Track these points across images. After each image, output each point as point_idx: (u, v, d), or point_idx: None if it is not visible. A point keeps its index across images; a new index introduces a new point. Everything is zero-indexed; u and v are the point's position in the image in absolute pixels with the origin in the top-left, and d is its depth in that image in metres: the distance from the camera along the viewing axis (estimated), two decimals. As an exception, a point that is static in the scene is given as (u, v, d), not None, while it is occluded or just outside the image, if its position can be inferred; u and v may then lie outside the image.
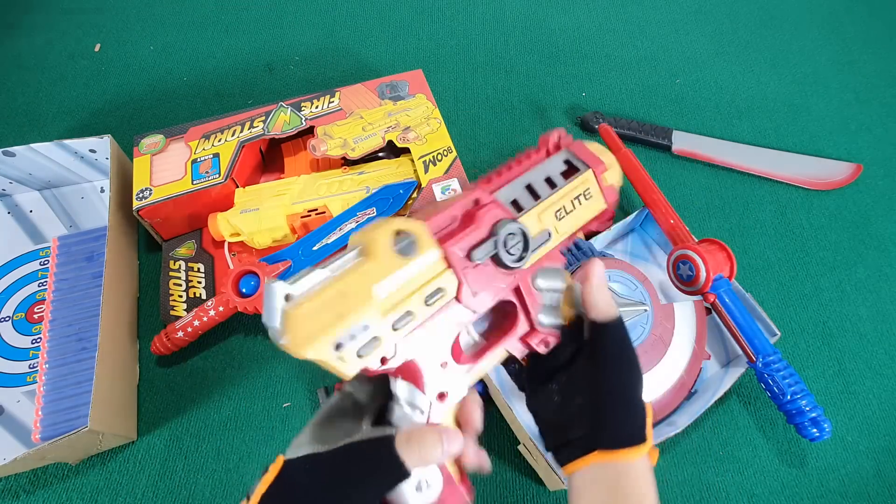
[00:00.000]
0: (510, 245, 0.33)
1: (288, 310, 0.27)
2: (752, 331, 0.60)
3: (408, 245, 0.30)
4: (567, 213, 0.37)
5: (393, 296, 0.30)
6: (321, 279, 0.28)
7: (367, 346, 0.29)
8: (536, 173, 0.37)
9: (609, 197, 0.39)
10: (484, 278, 0.33)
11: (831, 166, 0.80)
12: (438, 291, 0.31)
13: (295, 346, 0.27)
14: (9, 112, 0.82)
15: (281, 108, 0.72)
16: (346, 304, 0.28)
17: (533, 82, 0.88)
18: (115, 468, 0.59)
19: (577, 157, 0.38)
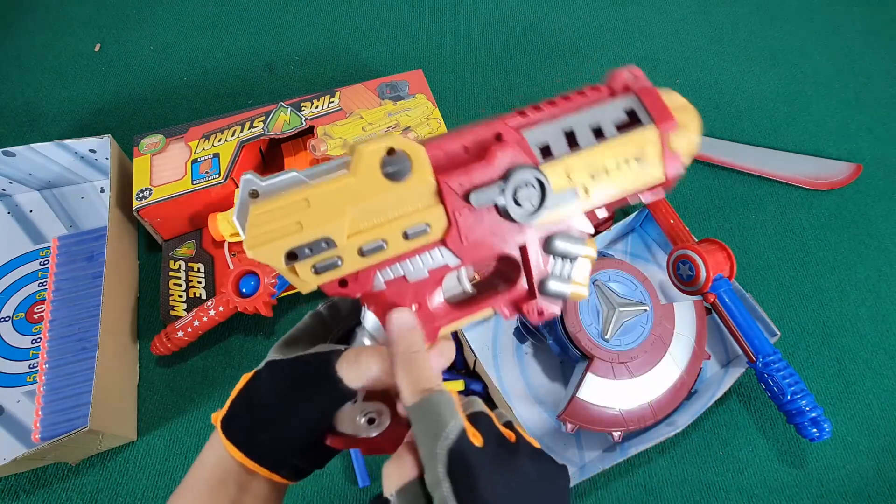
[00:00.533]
0: (521, 195, 0.28)
1: (251, 206, 0.26)
2: (752, 331, 0.60)
3: (399, 168, 0.27)
4: (607, 174, 0.30)
5: (366, 219, 0.27)
6: (294, 182, 0.27)
7: (325, 264, 0.27)
8: (583, 117, 0.30)
9: (671, 167, 0.31)
10: (482, 226, 0.29)
11: (831, 166, 0.80)
12: (422, 228, 0.28)
13: (247, 245, 0.26)
14: (9, 112, 0.82)
15: (281, 108, 0.72)
16: (309, 215, 0.26)
17: (533, 82, 0.88)
18: (115, 468, 0.59)
19: (644, 107, 0.31)
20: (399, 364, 0.28)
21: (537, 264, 0.30)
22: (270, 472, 0.31)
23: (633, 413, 0.57)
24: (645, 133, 0.30)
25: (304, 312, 0.68)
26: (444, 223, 0.28)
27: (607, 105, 0.31)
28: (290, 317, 0.68)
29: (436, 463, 0.25)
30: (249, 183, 0.26)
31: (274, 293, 0.62)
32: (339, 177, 0.27)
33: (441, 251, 0.29)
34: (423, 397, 0.27)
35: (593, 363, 0.57)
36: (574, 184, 0.30)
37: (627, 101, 0.31)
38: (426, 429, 0.26)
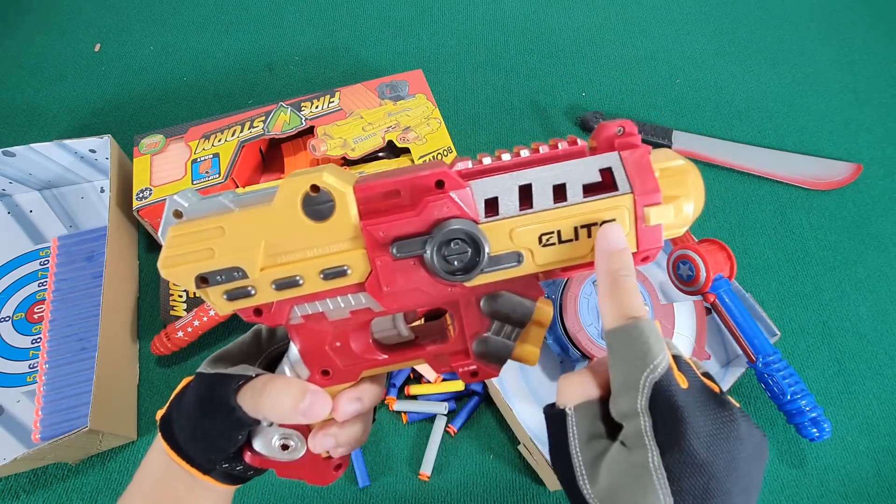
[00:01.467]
0: (450, 253, 0.26)
1: (171, 227, 0.27)
2: (752, 331, 0.60)
3: (321, 207, 0.26)
4: (561, 240, 0.26)
5: (283, 254, 0.26)
6: (217, 207, 0.26)
7: (237, 292, 0.27)
8: (546, 172, 0.26)
9: (645, 240, 0.27)
10: (406, 278, 0.27)
11: (831, 166, 0.80)
12: (341, 269, 0.26)
13: (160, 264, 0.27)
14: (9, 112, 0.82)
15: (281, 108, 0.72)
16: (222, 242, 0.26)
17: (533, 82, 0.88)
18: (115, 468, 0.59)
19: (624, 170, 0.26)
20: (606, 284, 0.25)
21: (472, 324, 0.28)
22: (204, 476, 0.31)
23: (633, 413, 0.57)
24: (617, 201, 0.26)
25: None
26: (367, 268, 0.27)
27: (580, 162, 0.27)
28: (290, 317, 0.68)
29: (637, 393, 0.23)
30: (174, 203, 0.26)
31: (274, 293, 0.62)
32: (259, 206, 0.26)
33: (363, 295, 0.28)
34: (629, 322, 0.25)
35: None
36: (517, 247, 0.26)
37: (605, 159, 0.27)
38: (629, 356, 0.24)
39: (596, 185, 0.27)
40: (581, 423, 0.25)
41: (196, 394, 0.30)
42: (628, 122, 0.27)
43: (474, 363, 0.29)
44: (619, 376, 0.24)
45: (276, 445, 0.30)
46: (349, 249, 0.26)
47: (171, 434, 0.31)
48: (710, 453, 0.22)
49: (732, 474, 0.22)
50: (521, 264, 0.27)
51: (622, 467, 0.23)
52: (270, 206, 0.26)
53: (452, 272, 0.26)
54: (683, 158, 0.27)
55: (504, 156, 0.27)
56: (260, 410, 0.28)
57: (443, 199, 0.26)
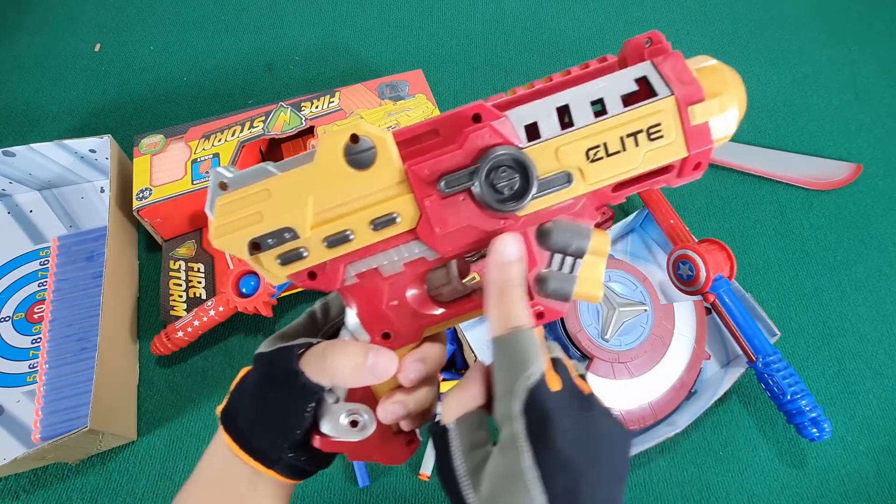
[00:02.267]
0: (498, 181, 0.25)
1: (218, 198, 0.26)
2: (752, 331, 0.60)
3: (363, 155, 0.26)
4: (609, 153, 0.26)
5: (331, 209, 0.26)
6: (262, 173, 0.26)
7: (290, 255, 0.27)
8: (581, 91, 0.26)
9: (695, 140, 0.26)
10: (457, 216, 0.26)
11: (831, 166, 0.80)
12: (390, 217, 0.26)
13: (211, 235, 0.26)
14: (9, 112, 0.82)
15: (281, 108, 0.72)
16: (269, 205, 0.26)
17: (533, 82, 0.88)
18: (115, 468, 0.59)
19: (660, 75, 0.26)
20: (492, 293, 0.27)
21: (531, 259, 0.27)
22: (267, 469, 0.30)
23: (634, 413, 0.57)
24: (659, 104, 0.25)
25: (303, 312, 0.68)
26: (415, 213, 0.26)
27: (613, 76, 0.26)
28: (289, 317, 0.68)
29: (512, 399, 0.25)
30: (218, 175, 0.26)
31: (274, 293, 0.62)
32: (304, 167, 0.26)
33: (416, 244, 0.27)
34: (510, 332, 0.26)
35: (593, 363, 0.57)
36: (565, 166, 0.26)
37: (639, 68, 0.26)
38: (509, 363, 0.26)
39: (634, 95, 0.26)
40: (462, 435, 0.27)
41: (257, 373, 0.30)
42: (655, 33, 0.26)
43: (538, 302, 0.28)
44: (500, 383, 0.26)
45: (345, 423, 0.29)
46: (396, 195, 0.26)
47: (234, 425, 0.30)
48: (576, 450, 0.24)
49: (597, 468, 0.25)
50: (571, 184, 0.26)
51: (501, 471, 0.25)
52: (313, 163, 0.26)
53: (503, 200, 0.26)
54: (712, 58, 0.27)
55: (537, 85, 0.27)
56: (326, 372, 0.28)
57: (483, 129, 0.25)
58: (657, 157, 0.26)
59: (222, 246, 0.26)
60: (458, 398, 0.28)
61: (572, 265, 0.27)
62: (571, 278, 0.27)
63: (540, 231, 0.27)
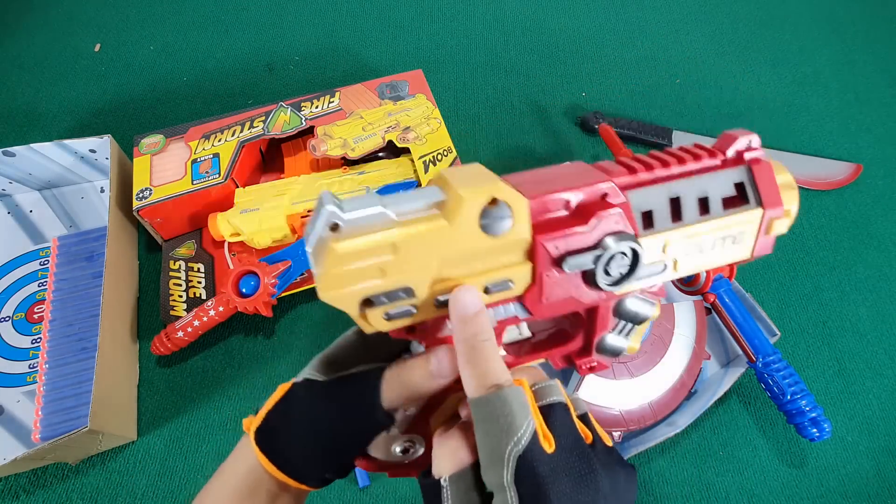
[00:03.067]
0: (612, 264, 0.26)
1: (331, 242, 0.23)
2: (752, 331, 0.60)
3: (497, 220, 0.24)
4: (701, 251, 0.29)
5: (451, 269, 0.25)
6: (380, 219, 0.23)
7: (399, 311, 0.25)
8: (692, 186, 0.28)
9: (761, 248, 0.30)
10: (564, 288, 0.27)
11: (831, 166, 0.80)
12: (505, 284, 0.26)
13: (321, 286, 0.24)
14: (9, 112, 0.82)
15: (281, 108, 0.72)
16: (394, 262, 0.24)
17: (533, 82, 0.88)
18: (115, 468, 0.59)
19: (754, 185, 0.28)
20: (463, 352, 0.25)
21: (604, 325, 0.29)
22: (299, 484, 0.30)
23: (633, 413, 0.57)
24: (750, 214, 0.28)
25: (304, 312, 0.68)
26: (528, 281, 0.26)
27: (717, 175, 0.28)
28: (290, 317, 0.68)
29: (502, 468, 0.23)
30: (332, 215, 0.23)
31: (274, 293, 0.62)
32: (431, 219, 0.24)
33: (516, 305, 0.28)
34: (490, 392, 0.24)
35: (593, 363, 0.57)
36: (667, 258, 0.28)
37: (738, 172, 0.29)
38: (493, 428, 0.23)
39: (731, 198, 0.29)
40: (456, 495, 0.24)
41: (316, 400, 0.29)
42: (754, 136, 0.29)
43: (595, 359, 0.30)
44: (485, 448, 0.24)
45: (397, 452, 0.30)
46: (515, 264, 0.26)
47: (272, 444, 0.30)
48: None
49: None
50: (664, 273, 0.28)
51: None
52: (446, 219, 0.24)
53: (610, 283, 0.27)
54: (787, 171, 0.30)
55: (653, 165, 0.28)
56: (405, 389, 0.28)
57: (613, 215, 0.26)
58: (729, 257, 0.29)
59: (333, 301, 0.24)
60: (454, 449, 0.25)
61: (630, 329, 0.30)
62: (626, 340, 0.30)
63: (618, 303, 0.29)
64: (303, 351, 0.65)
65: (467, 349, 0.25)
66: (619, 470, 0.25)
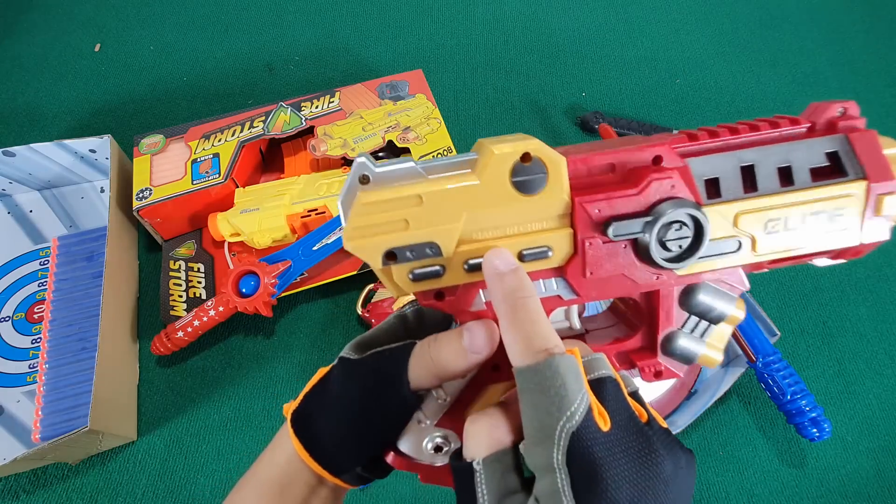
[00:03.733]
0: (670, 236, 0.23)
1: (359, 193, 0.23)
2: (752, 331, 0.60)
3: (532, 179, 0.23)
4: (788, 228, 0.24)
5: (481, 230, 0.24)
6: (410, 172, 0.23)
7: (425, 271, 0.24)
8: (769, 153, 0.24)
9: (871, 231, 0.25)
10: (613, 262, 0.24)
11: (831, 166, 0.80)
12: (542, 251, 0.24)
13: (346, 236, 0.23)
14: (9, 112, 0.82)
15: (281, 108, 0.72)
16: (419, 213, 0.23)
17: (533, 82, 0.88)
18: (115, 468, 0.59)
19: (853, 154, 0.24)
20: (505, 313, 0.22)
21: (668, 317, 0.26)
22: (334, 478, 0.29)
23: (633, 413, 0.57)
24: (849, 187, 0.24)
25: (304, 312, 0.68)
26: (569, 250, 0.24)
27: (803, 143, 0.24)
28: (290, 316, 0.68)
29: (552, 446, 0.20)
30: (362, 167, 0.23)
31: (274, 293, 0.62)
32: (460, 176, 0.23)
33: (556, 281, 0.25)
34: (540, 360, 0.21)
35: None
36: (741, 233, 0.24)
37: (831, 141, 0.24)
38: (542, 401, 0.21)
39: (822, 170, 0.25)
40: (491, 480, 0.22)
41: (352, 379, 0.28)
42: (851, 104, 0.25)
43: (661, 362, 0.26)
44: (532, 423, 0.21)
45: (429, 448, 0.27)
46: (553, 228, 0.24)
47: (306, 429, 0.28)
48: (635, 500, 0.20)
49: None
50: (739, 252, 0.24)
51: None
52: (473, 174, 0.23)
53: (668, 259, 0.24)
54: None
55: (720, 133, 0.25)
56: (434, 366, 0.25)
57: (667, 178, 0.23)
58: (829, 241, 0.25)
59: (355, 250, 0.24)
60: (489, 428, 0.23)
61: (705, 330, 0.26)
62: (701, 343, 0.26)
63: (686, 290, 0.25)
64: (303, 351, 0.65)
65: (508, 309, 0.22)
66: (681, 453, 0.22)
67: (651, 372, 0.27)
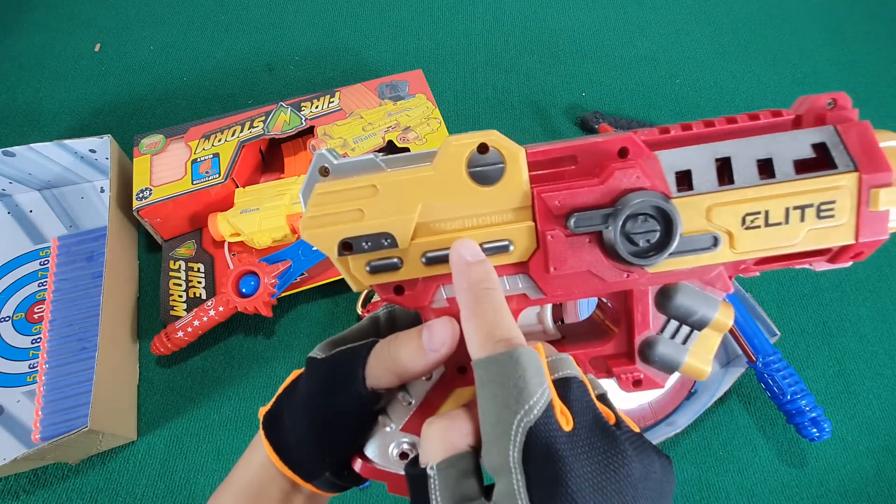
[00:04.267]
0: (636, 230, 0.22)
1: (317, 185, 0.24)
2: (752, 331, 0.60)
3: (489, 169, 0.23)
4: (768, 223, 0.23)
5: (438, 222, 0.24)
6: (369, 165, 0.23)
7: (382, 263, 0.24)
8: (749, 145, 0.23)
9: (868, 228, 0.23)
10: (578, 258, 0.23)
11: (831, 166, 0.80)
12: (503, 244, 0.23)
13: (302, 225, 0.24)
14: (9, 112, 0.82)
15: (281, 108, 0.72)
16: (373, 203, 0.23)
17: (533, 82, 0.88)
18: (115, 468, 0.59)
19: (842, 145, 0.23)
20: (467, 303, 0.22)
21: (644, 321, 0.24)
22: (306, 482, 0.28)
23: (633, 413, 0.57)
24: (836, 180, 0.22)
25: (304, 312, 0.68)
26: (530, 244, 0.23)
27: (787, 134, 0.23)
28: (289, 317, 0.68)
29: (507, 442, 0.19)
30: (322, 158, 0.24)
31: (274, 293, 0.62)
32: (417, 168, 0.23)
33: (520, 279, 0.24)
34: (500, 351, 0.20)
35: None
36: (715, 227, 0.23)
37: (818, 132, 0.23)
38: (499, 394, 0.20)
39: (808, 162, 0.23)
40: (446, 487, 0.20)
41: (312, 378, 0.27)
42: (842, 95, 0.23)
43: (640, 370, 0.25)
44: (488, 418, 0.20)
45: (394, 454, 0.26)
46: (513, 221, 0.23)
47: (277, 432, 0.28)
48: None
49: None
50: (716, 249, 0.23)
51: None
52: (431, 166, 0.23)
53: (636, 253, 0.23)
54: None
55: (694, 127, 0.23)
56: (393, 364, 0.25)
57: (631, 168, 0.22)
58: (820, 239, 0.23)
59: (311, 239, 0.24)
60: (444, 430, 0.21)
61: (687, 336, 0.24)
62: (683, 350, 0.24)
63: (662, 292, 0.24)
64: (303, 351, 0.65)
65: (471, 298, 0.22)
66: (654, 458, 0.20)
67: (629, 380, 0.25)
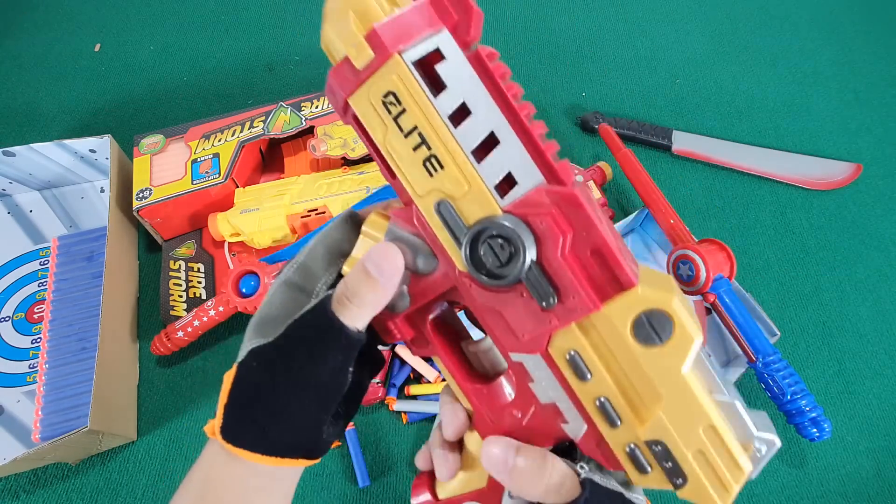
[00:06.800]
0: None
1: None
2: (752, 331, 0.60)
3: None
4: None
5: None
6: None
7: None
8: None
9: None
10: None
11: (831, 166, 0.80)
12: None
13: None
14: (9, 112, 0.82)
15: (281, 108, 0.72)
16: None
17: (533, 82, 0.88)
18: (115, 468, 0.59)
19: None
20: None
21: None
22: (297, 460, 0.28)
23: (633, 413, 0.57)
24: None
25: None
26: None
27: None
28: (290, 317, 0.68)
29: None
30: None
31: (274, 293, 0.62)
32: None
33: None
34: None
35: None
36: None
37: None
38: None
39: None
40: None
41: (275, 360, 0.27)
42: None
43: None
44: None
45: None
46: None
47: (245, 433, 0.27)
48: None
49: None
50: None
51: None
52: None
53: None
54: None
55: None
56: (348, 308, 0.26)
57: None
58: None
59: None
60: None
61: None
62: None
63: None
64: (303, 351, 0.65)
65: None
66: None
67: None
